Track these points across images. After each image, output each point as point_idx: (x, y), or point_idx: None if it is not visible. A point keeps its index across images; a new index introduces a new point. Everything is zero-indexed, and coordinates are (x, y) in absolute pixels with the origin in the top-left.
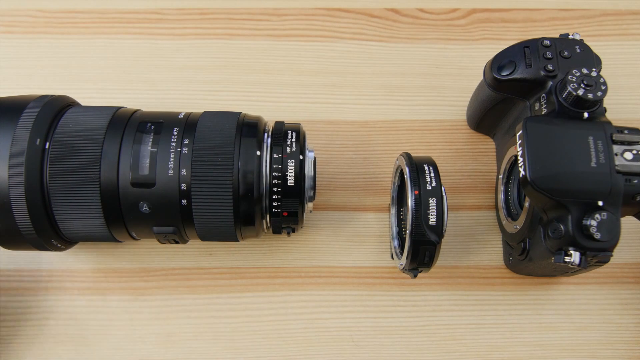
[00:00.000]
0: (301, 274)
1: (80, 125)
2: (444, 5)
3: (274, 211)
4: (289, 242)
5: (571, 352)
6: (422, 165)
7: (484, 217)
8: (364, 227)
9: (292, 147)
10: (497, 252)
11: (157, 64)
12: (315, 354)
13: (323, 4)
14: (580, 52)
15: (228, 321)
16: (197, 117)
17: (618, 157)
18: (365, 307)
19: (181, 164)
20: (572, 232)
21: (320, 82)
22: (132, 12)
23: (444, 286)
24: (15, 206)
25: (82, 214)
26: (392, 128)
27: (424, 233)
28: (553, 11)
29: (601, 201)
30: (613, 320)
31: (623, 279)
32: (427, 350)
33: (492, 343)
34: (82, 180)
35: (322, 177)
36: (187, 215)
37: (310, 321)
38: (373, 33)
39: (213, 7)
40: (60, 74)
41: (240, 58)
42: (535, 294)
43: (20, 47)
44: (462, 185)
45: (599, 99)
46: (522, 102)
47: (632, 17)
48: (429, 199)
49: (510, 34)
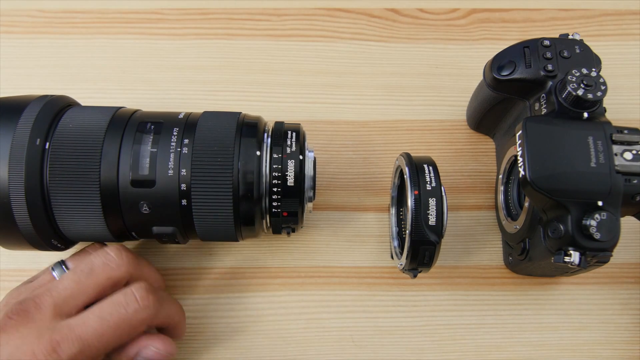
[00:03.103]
0: (301, 274)
1: (80, 125)
2: (444, 5)
3: (274, 211)
4: (289, 242)
5: (571, 352)
6: (422, 165)
7: (484, 217)
8: (364, 227)
9: (292, 147)
10: (497, 252)
11: (157, 64)
12: (315, 354)
13: (323, 4)
14: (580, 52)
15: (228, 321)
16: (197, 117)
17: (618, 157)
18: (365, 307)
19: (181, 164)
20: (572, 232)
21: (320, 82)
22: (132, 12)
23: (443, 286)
24: (15, 206)
25: (82, 214)
26: (392, 128)
27: (423, 233)
28: (553, 11)
29: (601, 201)
30: (613, 320)
31: (623, 279)
32: (427, 350)
33: (492, 343)
34: (82, 180)
35: (322, 177)
36: (187, 215)
37: (310, 321)
38: (373, 33)
39: (213, 7)
40: (60, 74)
41: (240, 58)
42: (535, 294)
43: (20, 47)
44: (462, 185)
45: (599, 99)
46: (522, 102)
47: (632, 17)
48: (429, 199)
49: (510, 34)
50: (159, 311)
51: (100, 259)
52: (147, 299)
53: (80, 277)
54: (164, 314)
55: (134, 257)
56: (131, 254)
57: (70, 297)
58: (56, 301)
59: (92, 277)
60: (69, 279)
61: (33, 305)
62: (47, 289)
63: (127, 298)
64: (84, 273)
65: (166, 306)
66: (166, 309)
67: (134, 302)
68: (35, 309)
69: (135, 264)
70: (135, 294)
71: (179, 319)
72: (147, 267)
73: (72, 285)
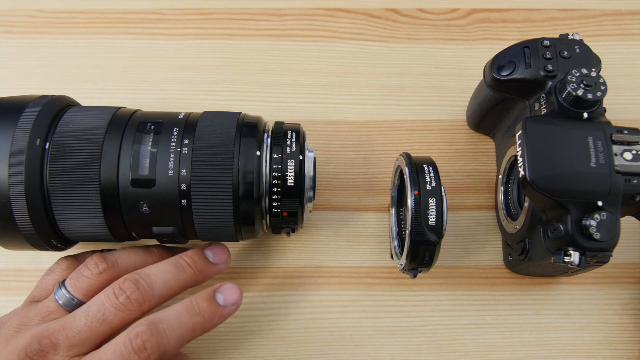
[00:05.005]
0: (301, 274)
1: (80, 125)
2: (444, 5)
3: (274, 211)
4: (289, 242)
5: (571, 352)
6: (422, 166)
7: (484, 217)
8: (363, 227)
9: (292, 147)
10: (497, 252)
11: (157, 64)
12: (315, 354)
13: (323, 4)
14: (580, 52)
15: (228, 321)
16: (197, 117)
17: (618, 157)
18: (365, 307)
19: (181, 164)
20: (572, 232)
21: (320, 82)
22: (132, 12)
23: (443, 286)
24: (15, 206)
25: (82, 214)
26: (392, 128)
27: (423, 233)
28: (553, 11)
29: (601, 201)
30: (612, 320)
31: (623, 279)
32: (427, 350)
33: (492, 343)
34: (82, 180)
35: (322, 177)
36: (187, 216)
37: (310, 321)
38: (373, 33)
39: (213, 7)
40: (60, 74)
41: (240, 58)
42: (535, 294)
43: (20, 47)
44: (462, 185)
45: (599, 99)
46: (521, 102)
47: (632, 17)
48: (429, 199)
49: (510, 34)
50: (165, 352)
51: (112, 304)
52: (144, 350)
53: (93, 323)
54: (174, 348)
55: (148, 285)
56: (143, 283)
57: (85, 340)
58: (72, 342)
59: (106, 324)
60: (82, 322)
61: (50, 345)
62: (62, 327)
63: (127, 349)
64: (97, 320)
65: (174, 340)
66: (174, 343)
67: (132, 353)
68: (52, 349)
69: (149, 297)
70: (132, 344)
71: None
72: (161, 280)
73: (86, 330)
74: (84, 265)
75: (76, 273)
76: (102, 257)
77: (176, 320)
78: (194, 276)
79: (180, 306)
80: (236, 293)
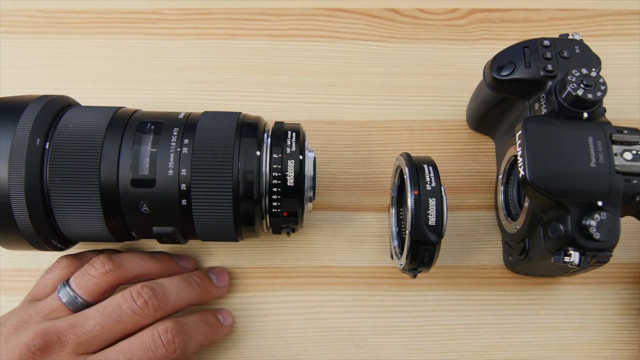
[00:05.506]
0: (301, 274)
1: (80, 125)
2: (444, 5)
3: (274, 211)
4: (289, 242)
5: (571, 352)
6: (422, 166)
7: (484, 217)
8: (363, 227)
9: (292, 147)
10: (497, 252)
11: (157, 64)
12: (315, 354)
13: (323, 4)
14: (580, 52)
15: None
16: (197, 117)
17: (618, 157)
18: (365, 307)
19: (181, 164)
20: (572, 232)
21: (320, 82)
22: (132, 12)
23: (443, 286)
24: (15, 206)
25: (82, 214)
26: (392, 128)
27: (423, 233)
28: (553, 11)
29: (601, 201)
30: (612, 320)
31: (623, 279)
32: (427, 350)
33: (492, 343)
34: (82, 180)
35: (322, 177)
36: (187, 216)
37: (310, 321)
38: (373, 33)
39: (213, 7)
40: (60, 74)
41: (240, 58)
42: (535, 294)
43: (20, 47)
44: (462, 185)
45: (599, 99)
46: (521, 102)
47: (632, 17)
48: (429, 199)
49: (510, 34)
50: (186, 350)
51: (129, 307)
52: (173, 344)
53: (107, 322)
54: (192, 350)
55: (163, 294)
56: (159, 291)
57: (95, 339)
58: (80, 340)
59: (120, 325)
60: (96, 321)
61: (56, 341)
62: (71, 325)
63: (155, 342)
64: (112, 319)
65: (194, 342)
66: (194, 345)
67: (161, 346)
68: (58, 346)
69: (164, 305)
70: (162, 337)
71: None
72: (174, 292)
73: (99, 329)
74: (90, 265)
75: (81, 272)
76: (108, 257)
77: (196, 326)
78: (201, 294)
79: (196, 316)
80: (230, 317)
